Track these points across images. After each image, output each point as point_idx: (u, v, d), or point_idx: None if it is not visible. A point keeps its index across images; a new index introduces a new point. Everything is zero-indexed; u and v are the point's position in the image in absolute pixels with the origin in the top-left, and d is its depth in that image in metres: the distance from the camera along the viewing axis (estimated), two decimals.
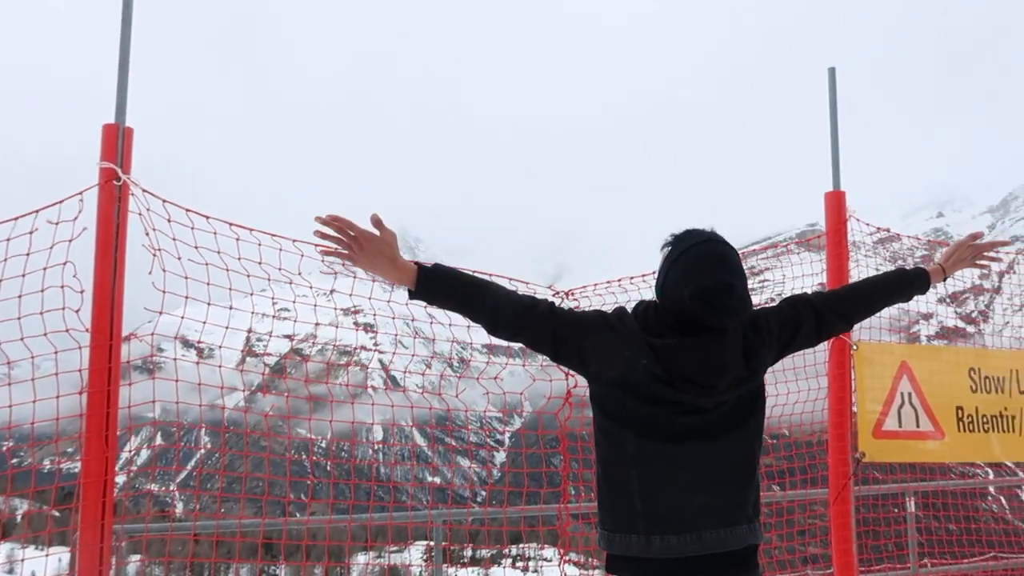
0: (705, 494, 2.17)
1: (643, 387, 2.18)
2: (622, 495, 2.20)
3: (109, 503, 3.18)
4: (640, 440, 2.18)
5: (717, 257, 2.22)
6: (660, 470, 2.18)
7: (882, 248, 9.36)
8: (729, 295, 2.17)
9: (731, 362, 2.22)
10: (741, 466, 2.24)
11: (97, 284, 3.23)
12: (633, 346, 2.20)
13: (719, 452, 2.20)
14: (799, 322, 2.42)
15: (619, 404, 2.22)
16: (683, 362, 2.17)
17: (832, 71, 4.63)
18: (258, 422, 4.94)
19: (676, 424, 2.18)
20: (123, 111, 3.32)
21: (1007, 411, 4.82)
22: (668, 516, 2.16)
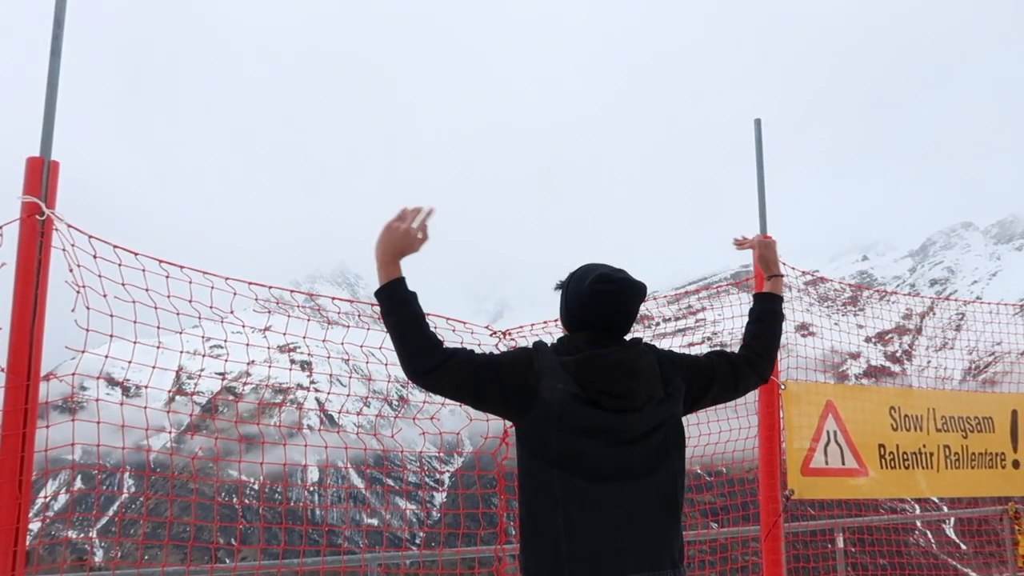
0: (631, 536, 2.19)
1: (566, 415, 2.22)
2: (547, 538, 2.21)
3: (20, 552, 3.01)
4: (567, 479, 2.20)
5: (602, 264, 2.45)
6: (586, 510, 2.19)
7: (812, 289, 9.78)
8: (624, 274, 2.37)
9: (644, 374, 2.33)
10: (666, 507, 2.28)
11: (15, 321, 3.09)
12: (548, 371, 2.27)
13: (644, 492, 2.24)
14: (712, 374, 2.54)
15: (545, 441, 2.24)
16: (596, 372, 2.25)
17: (758, 122, 4.84)
18: (186, 465, 4.77)
19: (603, 460, 2.21)
20: (49, 144, 3.23)
21: (925, 448, 5.02)
22: (595, 559, 2.16)
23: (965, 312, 8.18)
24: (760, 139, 4.79)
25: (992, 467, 5.29)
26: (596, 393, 2.23)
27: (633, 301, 2.39)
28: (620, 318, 2.39)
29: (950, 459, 5.09)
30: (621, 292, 2.36)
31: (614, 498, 2.20)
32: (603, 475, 2.21)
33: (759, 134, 4.80)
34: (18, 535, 3.00)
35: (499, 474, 4.64)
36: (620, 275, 2.37)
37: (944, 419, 5.15)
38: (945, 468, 5.06)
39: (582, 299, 2.37)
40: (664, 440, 2.31)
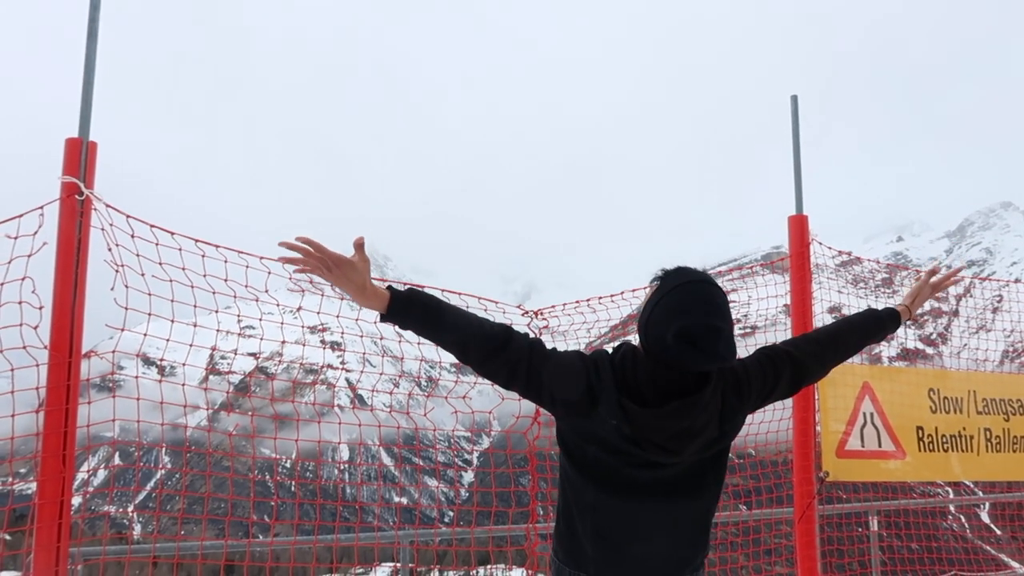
0: (658, 549, 2.20)
1: (610, 442, 2.13)
2: (576, 536, 2.22)
3: (65, 525, 3.09)
4: (599, 491, 2.17)
5: (705, 298, 2.09)
6: (615, 523, 2.18)
7: (844, 271, 9.59)
8: (715, 339, 2.05)
9: (703, 428, 2.14)
10: (696, 525, 2.25)
11: (57, 300, 3.16)
12: (606, 404, 2.11)
13: (676, 511, 2.20)
14: (778, 379, 2.37)
15: (583, 452, 2.18)
16: (654, 430, 2.09)
17: (795, 99, 4.73)
18: (221, 441, 4.84)
19: (636, 479, 2.15)
20: (87, 124, 3.27)
21: (965, 431, 4.93)
22: (618, 564, 2.19)
23: (1003, 294, 7.98)
24: (797, 116, 4.70)
25: None
26: (644, 440, 2.10)
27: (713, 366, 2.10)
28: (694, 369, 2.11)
29: (991, 442, 5.00)
30: (706, 350, 2.04)
31: (644, 515, 2.18)
32: (637, 494, 2.16)
33: (795, 111, 4.70)
34: (63, 508, 3.08)
35: (531, 453, 4.65)
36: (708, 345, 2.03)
37: (985, 401, 5.05)
38: (986, 451, 4.97)
39: (663, 343, 2.07)
40: (702, 464, 2.21)
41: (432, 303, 2.22)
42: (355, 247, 2.18)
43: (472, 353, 2.20)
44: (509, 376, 2.20)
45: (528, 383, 2.19)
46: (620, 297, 4.94)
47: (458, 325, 2.21)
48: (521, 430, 4.65)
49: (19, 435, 3.32)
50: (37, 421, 3.16)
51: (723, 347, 2.06)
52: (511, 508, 5.09)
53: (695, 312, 2.05)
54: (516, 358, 2.17)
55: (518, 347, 2.19)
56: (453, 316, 2.22)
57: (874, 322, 2.69)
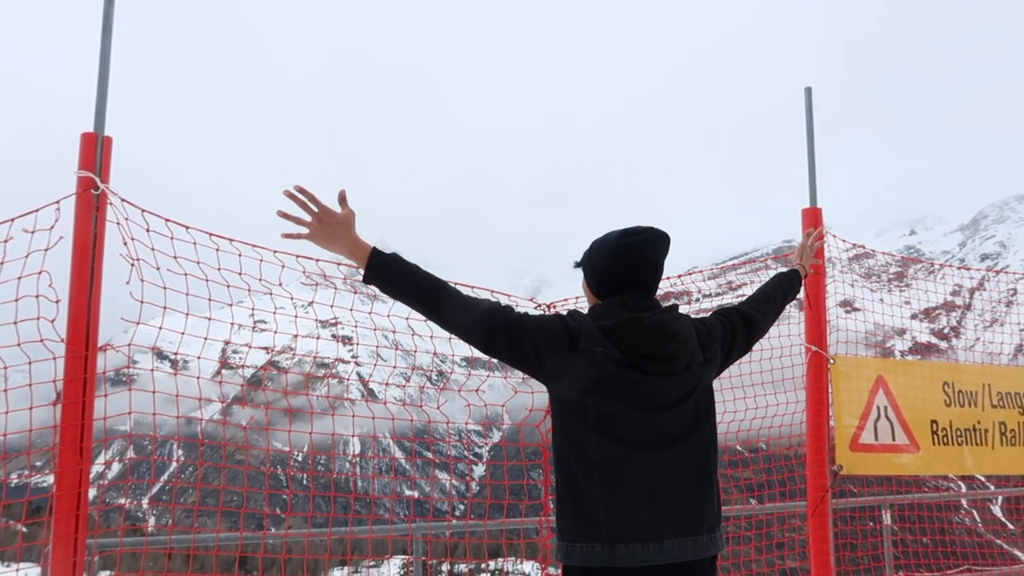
0: (666, 503, 2.21)
1: (605, 379, 2.21)
2: (584, 502, 2.21)
3: (83, 516, 3.12)
4: (604, 443, 2.21)
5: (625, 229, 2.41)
6: (624, 476, 2.20)
7: (857, 264, 9.55)
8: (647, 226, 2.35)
9: (685, 337, 2.33)
10: (699, 473, 2.29)
11: (73, 294, 3.18)
12: (587, 335, 2.25)
13: (679, 458, 2.25)
14: (735, 332, 2.61)
15: (583, 407, 2.24)
16: (637, 336, 2.24)
17: (808, 91, 4.71)
18: (234, 434, 4.88)
19: (640, 425, 2.23)
20: (102, 119, 3.29)
21: (980, 424, 4.90)
22: (632, 524, 2.17)
23: (1018, 287, 7.93)
24: (811, 108, 4.67)
25: None
26: (637, 357, 2.23)
27: (660, 251, 2.39)
28: (652, 270, 2.39)
29: (1006, 436, 4.97)
30: (648, 242, 2.35)
31: (651, 464, 2.22)
32: (640, 441, 2.21)
33: (809, 103, 4.67)
34: (80, 500, 3.11)
35: (543, 446, 4.66)
36: (643, 227, 2.36)
37: (1000, 395, 5.02)
38: (1000, 445, 4.94)
39: (610, 259, 2.36)
40: (697, 405, 2.33)
41: (411, 268, 2.33)
42: (339, 200, 2.32)
43: (449, 314, 2.30)
44: (487, 334, 2.29)
45: (509, 339, 2.28)
46: None
47: (433, 288, 2.32)
48: (533, 423, 4.65)
49: (36, 428, 3.35)
50: (55, 414, 3.19)
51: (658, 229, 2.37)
52: (523, 501, 5.10)
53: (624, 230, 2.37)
54: (491, 316, 2.29)
55: (491, 306, 2.32)
56: (429, 281, 2.33)
57: (788, 280, 3.06)
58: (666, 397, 2.25)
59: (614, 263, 2.35)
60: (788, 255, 5.92)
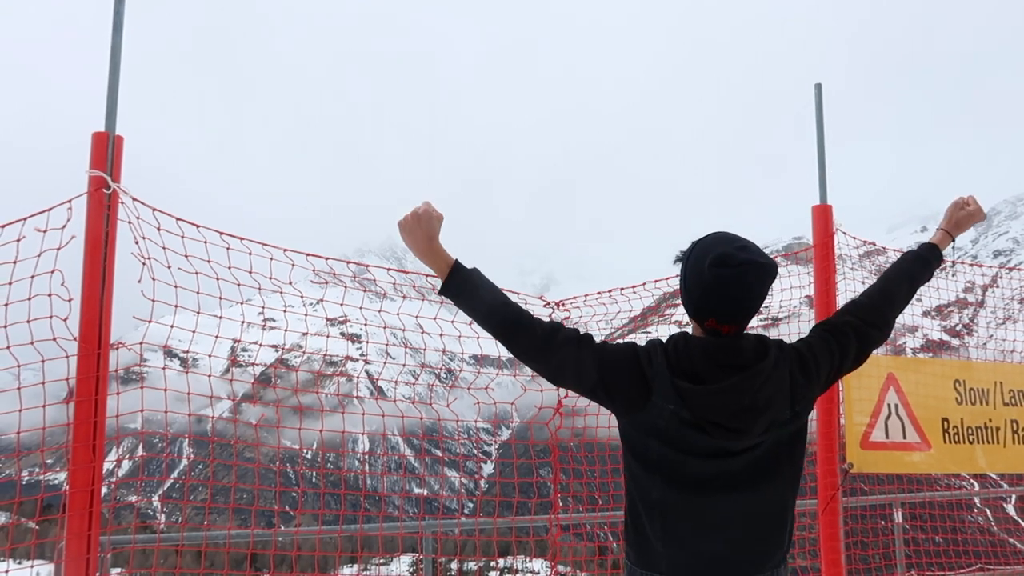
0: (729, 545, 2.09)
1: (670, 431, 2.07)
2: (645, 536, 2.15)
3: (96, 514, 3.14)
4: (665, 487, 2.10)
5: (732, 236, 2.15)
6: (683, 519, 2.10)
7: (868, 261, 9.51)
8: (746, 256, 2.05)
9: (767, 404, 2.08)
10: (771, 518, 2.14)
11: (85, 293, 3.20)
12: (660, 390, 2.08)
13: (747, 505, 2.10)
14: (844, 352, 2.31)
15: (645, 447, 2.12)
16: (713, 408, 2.05)
17: (819, 87, 4.68)
18: (244, 432, 4.90)
19: (702, 472, 2.08)
20: (113, 118, 3.31)
21: (991, 422, 4.87)
22: (690, 563, 2.09)
23: None
24: (820, 105, 4.64)
25: None
26: (706, 423, 2.05)
27: (760, 285, 2.09)
28: (745, 304, 2.10)
29: (1018, 434, 4.93)
30: (743, 277, 2.05)
31: (713, 508, 2.09)
32: (703, 489, 2.08)
33: (819, 100, 4.64)
34: (93, 497, 3.13)
35: (553, 444, 4.66)
36: (743, 256, 2.05)
37: (1012, 393, 4.98)
38: (1012, 443, 4.91)
39: (702, 283, 2.09)
40: (776, 450, 2.13)
41: (490, 285, 2.28)
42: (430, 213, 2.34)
43: (521, 341, 2.21)
44: (557, 368, 2.20)
45: (579, 376, 2.17)
46: (642, 288, 4.93)
47: (508, 313, 2.24)
48: (543, 421, 4.66)
49: (49, 426, 3.37)
50: (67, 412, 3.21)
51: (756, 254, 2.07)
52: (532, 499, 5.10)
53: (722, 244, 2.10)
54: (565, 350, 2.17)
55: (566, 338, 2.19)
56: (505, 304, 2.25)
57: (917, 262, 2.61)
58: (739, 457, 2.08)
59: (706, 289, 2.10)
60: (798, 252, 5.89)
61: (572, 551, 5.83)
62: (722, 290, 2.07)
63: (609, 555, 6.55)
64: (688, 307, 2.19)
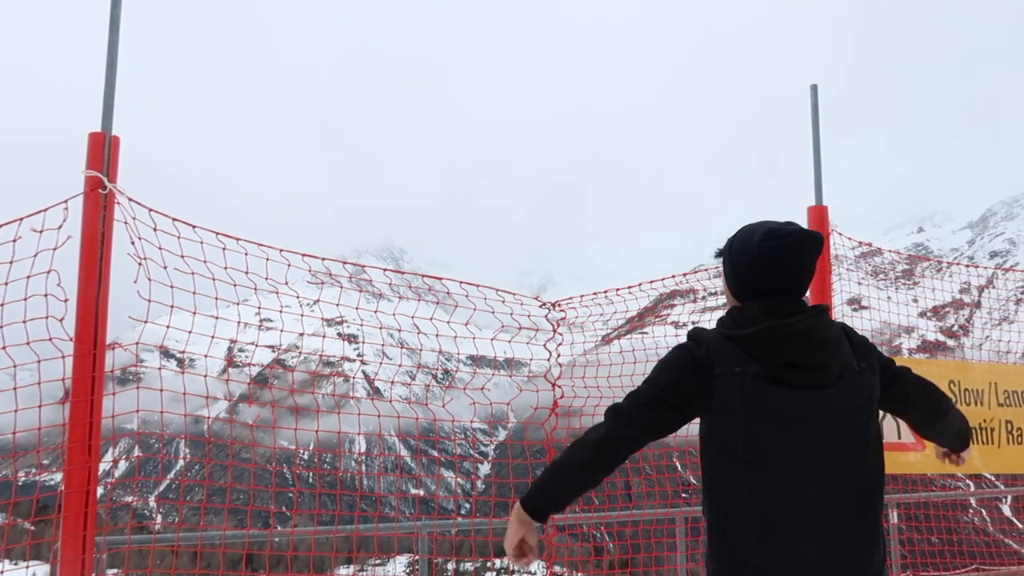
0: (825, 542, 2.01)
1: (748, 401, 2.01)
2: (736, 546, 2.03)
3: (92, 514, 3.14)
4: (755, 477, 2.02)
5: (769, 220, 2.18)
6: (777, 514, 2.01)
7: (864, 262, 9.50)
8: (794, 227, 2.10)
9: (836, 344, 2.08)
10: (863, 506, 2.06)
11: (81, 293, 3.20)
12: (719, 357, 2.05)
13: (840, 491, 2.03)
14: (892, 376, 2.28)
15: (730, 435, 2.04)
16: (779, 344, 2.03)
17: (814, 88, 4.69)
18: (240, 433, 4.90)
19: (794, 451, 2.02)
20: (110, 118, 3.31)
21: (986, 423, 4.88)
22: (784, 569, 1.99)
23: None
24: (816, 106, 4.66)
25: None
26: (780, 368, 2.01)
27: (810, 255, 2.12)
28: (797, 276, 2.12)
29: (1012, 435, 4.95)
30: (795, 246, 2.08)
31: (807, 496, 2.01)
32: (794, 471, 2.01)
33: (815, 101, 4.66)
34: (88, 497, 3.13)
35: (549, 444, 4.66)
36: (791, 227, 2.10)
37: (1007, 394, 5.00)
38: (1007, 444, 4.92)
39: (752, 259, 2.11)
40: (863, 426, 2.08)
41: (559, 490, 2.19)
42: None
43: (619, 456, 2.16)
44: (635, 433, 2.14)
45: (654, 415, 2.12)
46: (638, 289, 4.94)
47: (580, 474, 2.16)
48: (539, 421, 4.66)
49: (45, 426, 3.37)
50: (63, 412, 3.21)
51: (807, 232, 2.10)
52: None
53: (767, 223, 2.14)
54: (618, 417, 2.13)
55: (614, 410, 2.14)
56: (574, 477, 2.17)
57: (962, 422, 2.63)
58: (822, 415, 2.02)
59: (754, 266, 2.11)
60: None
61: (568, 551, 5.83)
62: (774, 261, 2.09)
63: (605, 555, 6.55)
64: (737, 291, 2.19)
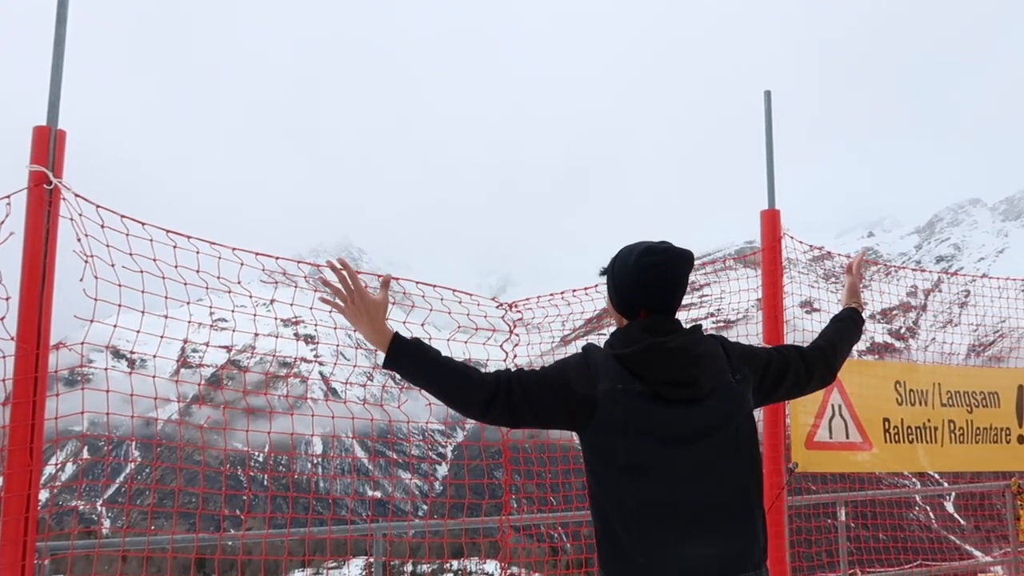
0: (709, 542, 2.14)
1: (630, 416, 2.15)
2: (625, 551, 2.14)
3: (32, 519, 3.05)
4: (637, 486, 2.14)
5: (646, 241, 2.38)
6: (661, 519, 2.13)
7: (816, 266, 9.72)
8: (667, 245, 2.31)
9: (708, 360, 2.26)
10: (742, 507, 2.21)
11: (24, 290, 3.10)
12: (605, 374, 2.19)
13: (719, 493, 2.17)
14: (785, 366, 2.49)
15: (611, 448, 2.17)
16: (656, 362, 2.18)
17: (768, 94, 4.78)
18: (192, 435, 4.80)
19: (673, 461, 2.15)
20: (55, 112, 3.21)
21: (930, 422, 5.03)
22: (673, 569, 2.11)
23: (971, 288, 8.15)
24: (770, 111, 4.74)
25: (997, 442, 5.31)
26: (658, 385, 2.17)
27: (681, 270, 2.32)
28: (672, 291, 2.31)
29: (955, 433, 5.11)
30: (667, 262, 2.29)
31: (688, 503, 2.14)
32: (674, 478, 2.14)
33: (769, 106, 4.74)
34: (30, 502, 3.04)
35: (504, 445, 4.67)
36: (664, 246, 2.31)
37: (949, 394, 5.16)
38: (950, 443, 5.08)
39: (630, 276, 2.30)
40: (736, 434, 2.24)
41: (428, 353, 2.27)
42: (382, 284, 2.34)
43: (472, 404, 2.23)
44: (512, 415, 2.23)
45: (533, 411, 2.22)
46: (595, 290, 4.97)
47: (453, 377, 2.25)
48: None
49: None
50: (3, 414, 3.11)
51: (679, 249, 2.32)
52: (485, 500, 5.10)
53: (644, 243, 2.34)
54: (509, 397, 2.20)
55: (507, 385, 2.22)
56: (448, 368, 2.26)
57: (852, 324, 2.95)
58: (697, 427, 2.17)
59: (635, 282, 2.30)
60: (747, 255, 6.02)
61: (524, 552, 5.85)
62: (651, 276, 2.28)
63: (561, 555, 6.59)
64: (621, 305, 2.36)
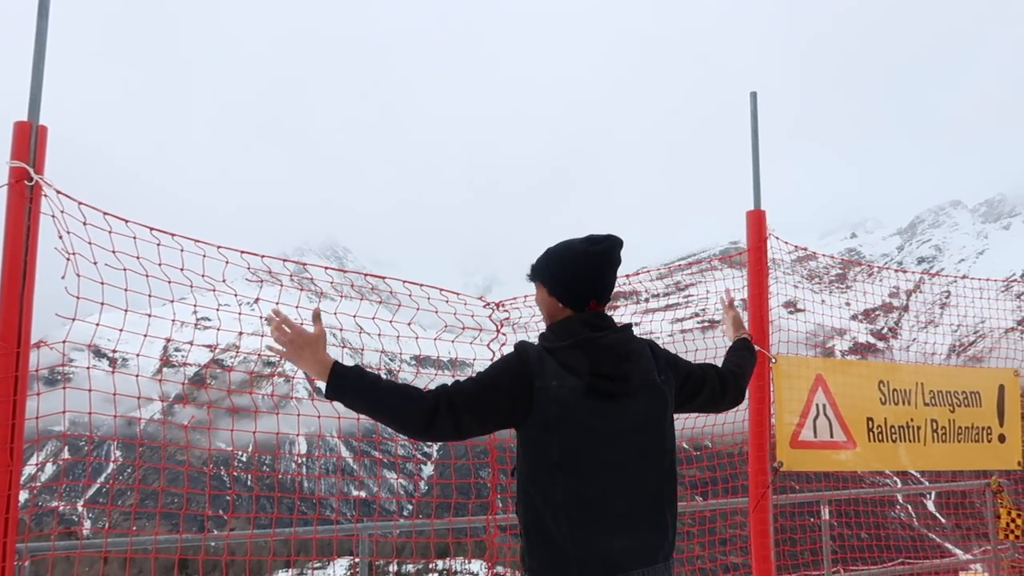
0: (631, 535, 2.25)
1: (564, 412, 2.22)
2: (554, 541, 2.23)
3: (13, 520, 3.01)
4: (568, 481, 2.22)
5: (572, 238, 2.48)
6: (589, 511, 2.22)
7: (800, 266, 9.73)
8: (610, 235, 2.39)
9: (639, 357, 2.36)
10: (661, 501, 2.34)
11: (4, 288, 3.06)
12: (540, 372, 2.24)
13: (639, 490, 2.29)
14: (703, 380, 2.65)
15: (546, 444, 2.24)
16: (593, 357, 2.26)
17: (754, 95, 4.79)
18: (175, 435, 4.76)
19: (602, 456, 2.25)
20: (37, 106, 3.17)
21: (913, 422, 5.08)
22: (601, 558, 2.20)
23: (951, 289, 8.24)
24: (756, 113, 4.76)
25: (978, 441, 5.37)
26: (591, 378, 2.24)
27: (619, 257, 2.43)
28: (614, 278, 2.42)
29: (937, 432, 5.16)
30: (612, 249, 2.38)
31: (614, 497, 2.25)
32: (603, 473, 2.24)
33: (755, 107, 4.76)
34: (9, 502, 3.00)
35: (491, 444, 4.66)
36: (604, 235, 2.39)
37: (932, 393, 5.21)
38: (932, 442, 5.13)
39: (580, 268, 2.36)
40: (661, 434, 2.36)
41: (367, 377, 2.29)
42: (314, 318, 2.41)
43: (413, 423, 2.26)
44: (456, 426, 2.27)
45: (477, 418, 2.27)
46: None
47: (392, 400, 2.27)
48: None
49: None
50: None
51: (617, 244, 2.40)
52: (470, 500, 5.09)
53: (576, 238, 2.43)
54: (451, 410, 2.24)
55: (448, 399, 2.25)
56: (387, 391, 2.27)
57: (750, 353, 3.14)
58: (627, 424, 2.27)
59: (585, 272, 2.35)
60: (732, 256, 6.04)
61: (511, 551, 5.84)
62: (601, 263, 2.36)
63: None
64: (567, 298, 2.39)
